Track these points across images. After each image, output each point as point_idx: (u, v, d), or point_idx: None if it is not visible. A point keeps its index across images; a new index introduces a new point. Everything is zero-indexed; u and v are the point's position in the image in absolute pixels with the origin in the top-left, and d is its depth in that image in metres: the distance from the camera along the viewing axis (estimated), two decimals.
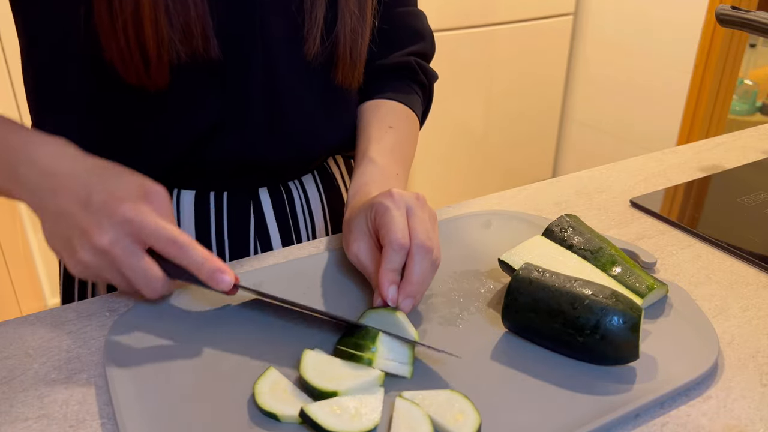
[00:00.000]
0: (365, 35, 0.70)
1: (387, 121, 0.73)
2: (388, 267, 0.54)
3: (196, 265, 0.51)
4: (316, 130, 0.72)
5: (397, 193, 0.57)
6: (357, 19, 0.68)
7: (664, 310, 0.58)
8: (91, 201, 0.51)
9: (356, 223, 0.59)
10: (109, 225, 0.50)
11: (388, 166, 0.68)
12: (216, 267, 0.51)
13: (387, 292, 0.53)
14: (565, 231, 0.65)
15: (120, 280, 0.53)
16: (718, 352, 0.52)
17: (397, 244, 0.54)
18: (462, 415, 0.44)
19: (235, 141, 0.67)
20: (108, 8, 0.56)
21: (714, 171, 0.90)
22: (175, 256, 0.51)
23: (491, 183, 2.80)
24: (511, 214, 0.75)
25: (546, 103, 2.82)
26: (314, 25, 0.65)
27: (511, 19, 2.53)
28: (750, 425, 0.47)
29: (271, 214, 0.74)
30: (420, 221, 0.56)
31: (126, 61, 0.58)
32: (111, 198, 0.51)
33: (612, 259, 0.61)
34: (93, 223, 0.50)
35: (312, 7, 0.64)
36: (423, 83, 0.80)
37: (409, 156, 0.74)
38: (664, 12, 2.36)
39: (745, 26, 0.84)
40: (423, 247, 0.54)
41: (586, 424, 0.45)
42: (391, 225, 0.55)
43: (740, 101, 2.90)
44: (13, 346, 0.54)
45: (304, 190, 0.77)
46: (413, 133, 0.77)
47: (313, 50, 0.66)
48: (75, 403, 0.48)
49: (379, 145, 0.70)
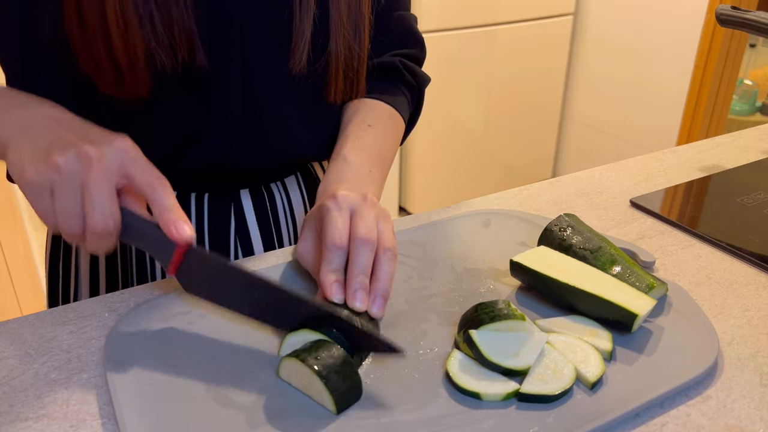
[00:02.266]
0: (362, 54, 0.69)
1: (367, 119, 0.72)
2: (327, 267, 0.53)
3: (165, 208, 0.50)
4: (297, 141, 0.71)
5: (341, 195, 0.57)
6: (351, 38, 0.67)
7: (664, 308, 0.58)
8: (90, 131, 0.51)
9: (307, 224, 0.60)
10: (107, 143, 0.49)
11: (362, 164, 0.67)
12: (183, 216, 0.51)
13: (330, 291, 0.52)
14: (564, 230, 0.65)
15: (74, 202, 0.49)
16: (718, 351, 0.52)
17: (332, 244, 0.54)
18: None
19: (213, 149, 0.66)
20: (78, 20, 0.56)
21: (714, 171, 0.90)
22: (151, 192, 0.50)
23: (491, 182, 2.80)
24: (510, 214, 0.75)
25: (546, 102, 2.82)
26: (301, 41, 0.64)
27: (511, 19, 2.54)
28: (750, 425, 0.47)
29: (253, 217, 0.73)
30: (362, 219, 0.56)
31: (100, 73, 0.58)
32: (108, 134, 0.51)
33: (612, 258, 0.61)
34: (88, 140, 0.49)
35: (300, 23, 0.63)
36: (410, 83, 0.79)
37: (388, 154, 0.73)
38: (664, 12, 2.36)
39: (745, 26, 0.84)
40: (362, 240, 0.54)
41: (586, 424, 0.45)
42: (329, 226, 0.55)
43: (740, 101, 2.90)
44: (13, 346, 0.54)
45: (286, 192, 0.76)
46: (394, 132, 0.75)
47: (298, 66, 0.65)
48: (75, 403, 0.48)
49: (355, 143, 0.69)
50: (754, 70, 3.00)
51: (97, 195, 0.48)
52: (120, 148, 0.50)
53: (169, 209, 0.50)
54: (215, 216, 0.71)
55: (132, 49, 0.57)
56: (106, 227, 0.49)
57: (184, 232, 0.50)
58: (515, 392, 0.47)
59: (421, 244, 0.68)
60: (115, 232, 0.50)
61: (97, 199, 0.48)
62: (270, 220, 0.75)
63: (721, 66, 2.27)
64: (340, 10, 0.65)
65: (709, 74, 2.27)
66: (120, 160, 0.49)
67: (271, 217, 0.75)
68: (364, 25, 0.68)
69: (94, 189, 0.48)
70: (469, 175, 2.74)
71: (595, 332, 0.54)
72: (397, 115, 0.76)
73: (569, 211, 0.78)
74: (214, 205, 0.71)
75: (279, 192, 0.75)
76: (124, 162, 0.49)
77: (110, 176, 0.49)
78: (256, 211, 0.74)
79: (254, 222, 0.74)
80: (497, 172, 2.82)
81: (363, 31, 0.68)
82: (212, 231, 0.72)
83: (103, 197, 0.48)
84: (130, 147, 0.50)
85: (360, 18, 0.67)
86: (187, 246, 0.52)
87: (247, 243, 0.73)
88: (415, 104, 0.81)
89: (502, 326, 0.50)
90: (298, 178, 0.78)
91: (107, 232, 0.49)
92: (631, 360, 0.52)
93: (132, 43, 0.57)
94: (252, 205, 0.73)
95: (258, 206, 0.74)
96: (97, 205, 0.48)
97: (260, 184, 0.74)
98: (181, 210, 0.51)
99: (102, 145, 0.49)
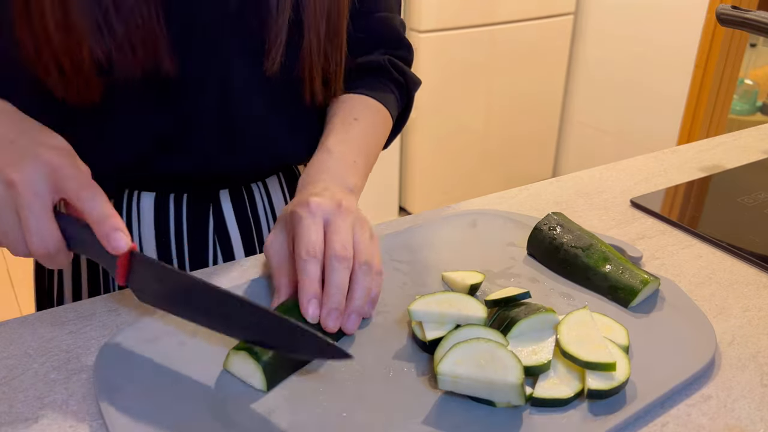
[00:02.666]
0: (339, 56, 0.67)
1: (353, 113, 0.71)
2: (304, 278, 0.52)
3: (99, 218, 0.48)
4: (276, 142, 0.70)
5: (315, 202, 0.55)
6: (327, 41, 0.65)
7: (657, 303, 0.58)
8: (18, 141, 0.50)
9: (279, 224, 0.58)
10: (30, 163, 0.48)
11: (345, 155, 0.65)
12: (116, 226, 0.48)
13: (305, 308, 0.51)
14: (554, 229, 0.64)
15: (13, 228, 0.49)
16: (715, 344, 0.53)
17: (306, 254, 0.52)
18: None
19: (189, 153, 0.65)
20: (26, 23, 0.54)
21: (714, 171, 0.90)
22: (83, 203, 0.49)
23: (491, 183, 2.80)
24: (496, 213, 0.74)
25: (546, 102, 2.82)
26: (275, 43, 0.62)
27: (512, 19, 2.53)
28: (750, 425, 0.47)
29: (232, 217, 0.72)
30: (336, 231, 0.54)
31: (49, 77, 0.57)
32: (38, 144, 0.50)
33: (604, 255, 0.61)
34: (14, 158, 0.48)
35: (274, 25, 0.62)
36: (399, 81, 0.78)
37: (374, 147, 0.71)
38: (665, 12, 2.36)
39: (745, 26, 0.84)
40: (337, 257, 0.52)
41: (586, 423, 0.45)
42: (302, 237, 0.53)
43: (740, 101, 2.90)
44: (13, 346, 0.54)
45: (267, 193, 0.75)
46: (381, 127, 0.74)
47: (273, 68, 0.63)
48: (75, 403, 0.48)
49: (339, 136, 0.67)
50: (755, 70, 3.00)
51: (31, 219, 0.48)
52: (45, 162, 0.48)
53: (99, 220, 0.48)
54: (194, 217, 0.70)
55: (76, 55, 0.55)
56: (47, 250, 0.49)
57: (116, 243, 0.48)
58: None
59: (412, 249, 0.67)
60: (58, 252, 0.50)
61: (32, 224, 0.48)
62: (250, 221, 0.74)
63: (722, 66, 2.27)
64: (315, 12, 0.63)
65: (710, 74, 2.27)
66: (46, 177, 0.48)
67: (251, 218, 0.74)
68: (341, 26, 0.66)
69: (27, 213, 0.48)
70: (469, 175, 2.74)
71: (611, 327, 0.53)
72: (384, 110, 0.74)
73: (569, 211, 0.78)
74: (192, 206, 0.70)
75: (260, 193, 0.74)
76: (51, 178, 0.48)
77: (41, 197, 0.48)
78: (236, 212, 0.73)
79: (234, 223, 0.73)
80: (497, 172, 2.82)
81: (340, 32, 0.66)
82: (191, 232, 0.71)
83: (37, 221, 0.48)
84: (56, 159, 0.49)
85: (337, 18, 0.65)
86: (128, 254, 0.50)
87: (226, 244, 0.72)
88: (404, 103, 0.80)
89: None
90: (280, 178, 0.77)
91: (49, 254, 0.49)
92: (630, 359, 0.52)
93: (75, 49, 0.55)
94: (231, 207, 0.72)
95: (238, 207, 0.73)
96: (33, 230, 0.48)
97: (240, 185, 0.73)
98: (116, 217, 0.49)
99: (25, 165, 0.48)
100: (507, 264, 0.65)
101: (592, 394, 0.47)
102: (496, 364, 0.46)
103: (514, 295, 0.53)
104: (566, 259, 0.62)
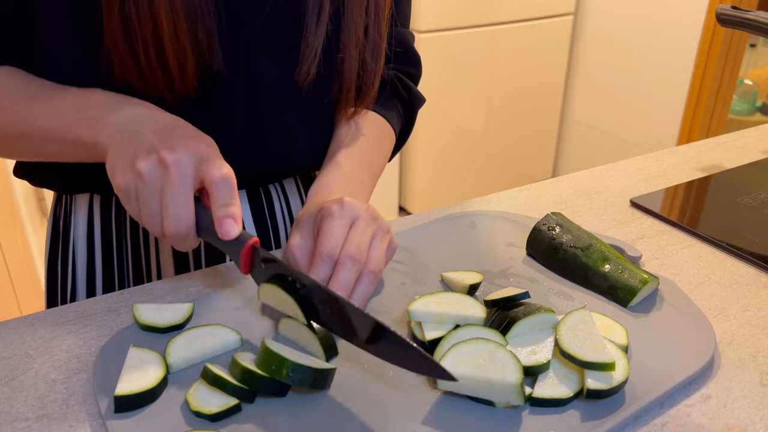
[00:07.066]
0: (377, 70, 0.68)
1: (361, 129, 0.73)
2: (314, 276, 0.53)
3: (218, 205, 0.50)
4: (296, 149, 0.71)
5: (348, 201, 0.57)
6: (368, 54, 0.66)
7: (656, 303, 0.58)
8: (172, 133, 0.52)
9: (305, 218, 0.59)
10: (183, 148, 0.51)
11: (353, 173, 0.67)
12: (230, 213, 0.50)
13: None
14: (553, 229, 0.65)
15: (151, 209, 0.51)
16: (715, 344, 0.53)
17: (326, 254, 0.54)
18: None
19: None
20: (124, 33, 0.56)
21: (714, 171, 0.90)
22: (211, 189, 0.51)
23: (491, 183, 2.80)
24: (495, 214, 0.74)
25: (546, 103, 2.82)
26: (310, 53, 0.63)
27: (512, 19, 2.53)
28: (750, 425, 0.47)
29: (249, 218, 0.73)
30: (358, 233, 0.55)
31: (148, 80, 0.58)
32: (192, 134, 0.53)
33: (603, 255, 0.61)
34: (166, 144, 0.51)
35: (309, 34, 0.63)
36: (403, 97, 0.79)
37: (378, 165, 0.73)
38: (664, 12, 2.36)
39: (745, 26, 0.84)
40: (351, 258, 0.54)
41: (585, 423, 0.45)
42: (326, 233, 0.55)
43: (740, 101, 2.90)
44: (13, 346, 0.54)
45: (285, 194, 0.76)
46: (385, 144, 0.76)
47: (305, 80, 0.65)
48: (75, 403, 0.48)
49: (347, 150, 0.69)
50: (755, 70, 3.00)
51: (171, 201, 0.50)
52: (194, 150, 0.51)
53: (220, 206, 0.50)
54: None
55: (181, 52, 0.57)
56: (178, 231, 0.51)
57: (226, 228, 0.50)
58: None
59: (411, 249, 0.68)
60: (188, 235, 0.52)
61: (170, 205, 0.50)
62: (267, 222, 0.74)
63: (722, 66, 2.27)
64: (356, 26, 0.64)
65: (709, 74, 2.27)
66: (194, 163, 0.51)
67: (268, 219, 0.74)
68: (382, 39, 0.67)
69: (168, 195, 0.50)
70: (469, 175, 2.74)
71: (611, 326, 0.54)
72: (389, 127, 0.76)
73: (569, 211, 0.78)
74: None
75: (277, 194, 0.75)
76: (197, 164, 0.51)
77: (186, 181, 0.50)
78: (253, 213, 0.73)
79: (251, 224, 0.73)
80: (497, 172, 2.82)
81: (380, 46, 0.67)
82: None
83: (176, 203, 0.50)
84: (204, 147, 0.52)
85: (378, 34, 0.66)
86: (250, 248, 0.52)
87: None
88: (406, 120, 0.81)
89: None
90: (297, 180, 0.78)
91: (180, 236, 0.51)
92: (629, 358, 0.52)
93: (182, 44, 0.57)
94: (249, 207, 0.73)
95: (255, 208, 0.74)
96: (171, 211, 0.50)
97: (258, 186, 0.74)
98: (235, 206, 0.51)
99: (178, 149, 0.50)
100: (506, 264, 0.65)
101: (591, 394, 0.47)
102: (496, 364, 0.46)
103: (513, 295, 0.53)
104: (565, 259, 0.62)
